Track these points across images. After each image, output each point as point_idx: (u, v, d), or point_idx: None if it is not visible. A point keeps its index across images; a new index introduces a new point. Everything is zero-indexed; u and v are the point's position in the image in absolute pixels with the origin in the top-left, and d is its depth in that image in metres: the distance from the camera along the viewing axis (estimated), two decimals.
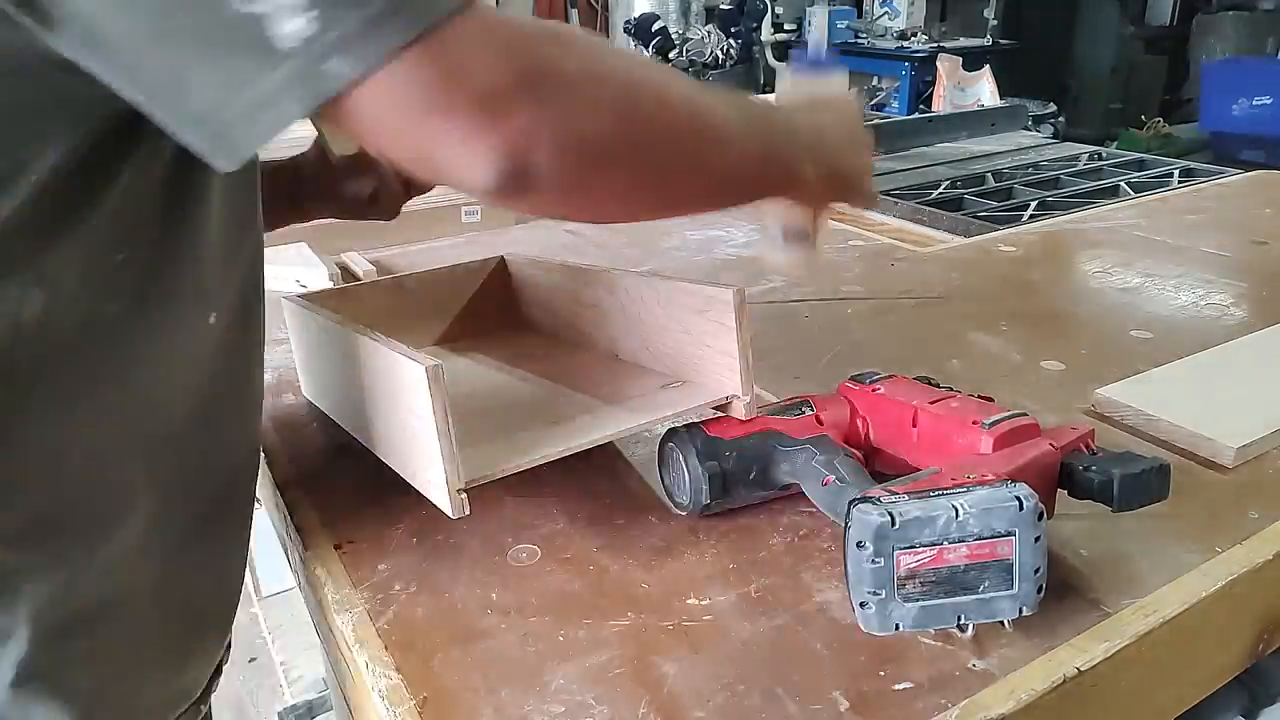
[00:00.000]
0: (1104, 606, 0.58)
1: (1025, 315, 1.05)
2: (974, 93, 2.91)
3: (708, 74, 3.69)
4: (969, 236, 1.37)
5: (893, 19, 4.83)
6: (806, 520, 0.67)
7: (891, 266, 1.24)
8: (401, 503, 0.68)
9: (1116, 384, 0.84)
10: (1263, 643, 0.67)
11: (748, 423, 0.68)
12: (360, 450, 0.78)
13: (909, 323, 1.04)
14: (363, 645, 0.56)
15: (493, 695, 0.52)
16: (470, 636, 0.57)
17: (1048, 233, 1.38)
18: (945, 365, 0.93)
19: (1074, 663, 0.53)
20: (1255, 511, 0.68)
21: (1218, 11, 5.76)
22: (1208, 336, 0.98)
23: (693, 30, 3.88)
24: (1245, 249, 1.29)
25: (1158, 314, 1.06)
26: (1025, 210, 1.53)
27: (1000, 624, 0.55)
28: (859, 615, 0.53)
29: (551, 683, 0.53)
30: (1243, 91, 4.57)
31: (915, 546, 0.51)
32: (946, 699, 0.51)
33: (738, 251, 1.30)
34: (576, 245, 1.33)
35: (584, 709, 0.51)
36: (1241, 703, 0.74)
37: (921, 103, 4.25)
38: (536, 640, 0.57)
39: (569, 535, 0.67)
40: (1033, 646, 0.55)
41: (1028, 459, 0.60)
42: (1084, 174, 1.77)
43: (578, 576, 0.62)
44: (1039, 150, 1.94)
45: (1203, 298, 1.10)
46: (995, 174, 1.76)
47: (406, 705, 0.52)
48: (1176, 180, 1.71)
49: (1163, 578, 0.61)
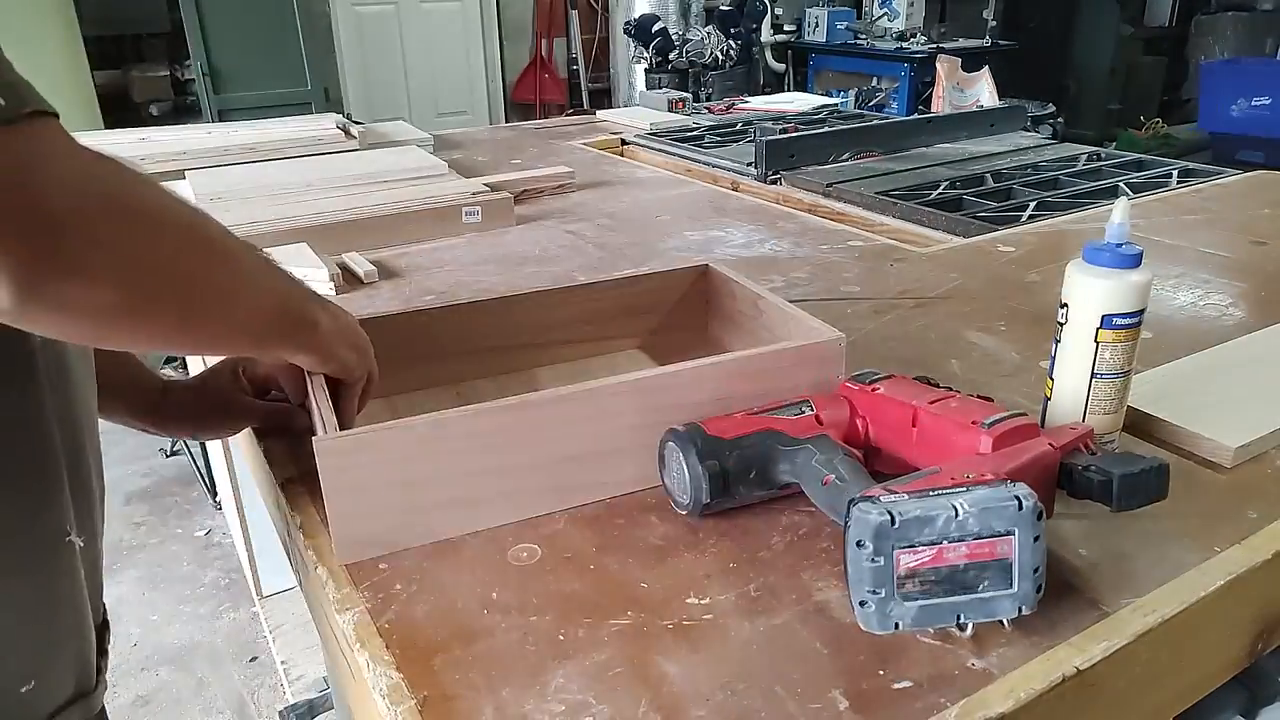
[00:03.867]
0: (1103, 606, 0.58)
1: (1025, 315, 1.05)
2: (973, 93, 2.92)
3: (708, 74, 3.69)
4: (968, 237, 1.37)
5: (892, 20, 4.84)
6: (806, 520, 0.68)
7: (891, 266, 1.24)
8: None
9: None
10: (1261, 642, 0.67)
11: (747, 421, 0.68)
12: None
13: (909, 323, 1.04)
14: (363, 644, 0.56)
15: (493, 695, 0.53)
16: (470, 636, 0.57)
17: (1047, 233, 1.38)
18: (945, 365, 0.93)
19: (1073, 662, 0.53)
20: (1254, 511, 0.68)
21: (1217, 12, 5.77)
22: (1207, 336, 0.98)
23: (693, 31, 3.88)
24: (1244, 249, 1.29)
25: (1157, 314, 1.06)
26: (1024, 211, 1.53)
27: (1000, 623, 0.55)
28: (858, 614, 0.53)
29: (551, 683, 0.53)
30: (1242, 92, 4.57)
31: (915, 546, 0.52)
32: (946, 698, 0.51)
33: (736, 252, 1.31)
34: (577, 245, 1.34)
35: (584, 708, 0.51)
36: (1240, 702, 0.74)
37: (921, 103, 4.26)
38: (536, 640, 0.57)
39: (569, 535, 0.67)
40: (1032, 646, 0.55)
41: (1027, 458, 0.60)
42: (1083, 174, 1.77)
43: (578, 576, 0.63)
44: (1038, 151, 1.95)
45: (1202, 298, 1.10)
46: (994, 174, 1.76)
47: (407, 704, 0.52)
48: (1175, 181, 1.71)
49: (1162, 577, 0.61)
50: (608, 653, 0.55)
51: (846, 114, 2.46)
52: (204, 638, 2.12)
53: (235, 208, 1.41)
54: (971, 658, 0.54)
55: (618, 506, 0.70)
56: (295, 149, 1.84)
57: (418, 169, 1.60)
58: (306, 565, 0.67)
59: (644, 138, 2.16)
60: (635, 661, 0.55)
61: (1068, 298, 0.70)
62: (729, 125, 2.25)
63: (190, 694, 1.97)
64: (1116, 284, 0.67)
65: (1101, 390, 0.69)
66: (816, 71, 5.02)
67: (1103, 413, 0.70)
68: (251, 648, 2.08)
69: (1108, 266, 0.68)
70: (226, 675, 2.02)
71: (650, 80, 3.72)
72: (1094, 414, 0.70)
